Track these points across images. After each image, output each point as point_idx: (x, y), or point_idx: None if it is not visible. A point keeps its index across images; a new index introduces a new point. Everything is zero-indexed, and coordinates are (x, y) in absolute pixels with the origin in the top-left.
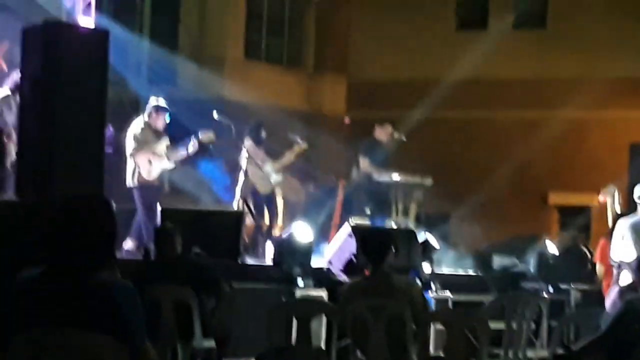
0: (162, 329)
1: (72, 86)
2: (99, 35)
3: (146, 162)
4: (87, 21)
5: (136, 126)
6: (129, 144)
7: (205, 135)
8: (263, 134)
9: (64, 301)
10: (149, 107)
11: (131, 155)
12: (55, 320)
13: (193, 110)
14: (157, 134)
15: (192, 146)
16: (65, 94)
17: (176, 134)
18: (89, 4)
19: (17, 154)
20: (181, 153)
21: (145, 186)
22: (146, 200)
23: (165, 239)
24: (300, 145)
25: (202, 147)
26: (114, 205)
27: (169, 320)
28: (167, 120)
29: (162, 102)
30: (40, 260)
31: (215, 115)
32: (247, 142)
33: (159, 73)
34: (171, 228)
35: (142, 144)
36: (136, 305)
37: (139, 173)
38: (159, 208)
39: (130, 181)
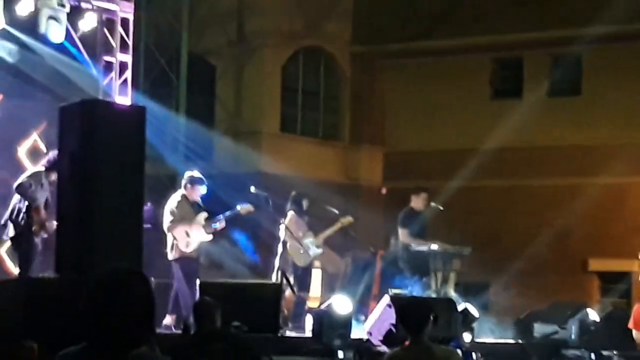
0: None
1: (109, 162)
2: (136, 112)
3: (184, 234)
4: (123, 99)
5: (173, 200)
6: (167, 218)
7: (244, 208)
8: (305, 204)
9: None
10: (185, 179)
11: (168, 229)
12: None
13: (230, 184)
14: (195, 206)
15: (220, 223)
16: (103, 170)
17: (213, 206)
18: (125, 82)
19: (56, 230)
20: (217, 225)
21: (184, 259)
22: (185, 273)
23: (205, 313)
24: (345, 218)
25: (236, 219)
26: (152, 280)
27: None
28: (204, 192)
29: (197, 174)
30: (80, 337)
31: (252, 189)
32: (289, 214)
33: (196, 149)
34: (211, 302)
35: (179, 217)
36: None
37: (177, 246)
38: (197, 281)
39: (169, 255)
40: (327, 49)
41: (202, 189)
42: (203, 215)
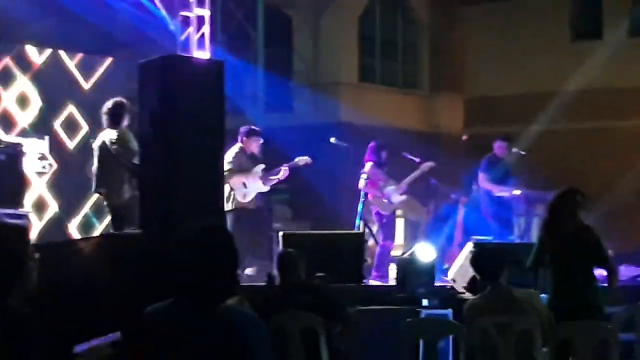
0: (290, 356)
1: (190, 118)
2: (215, 66)
3: (241, 185)
4: (202, 53)
5: (231, 152)
6: (224, 169)
7: (302, 159)
8: (383, 155)
9: (193, 332)
10: (241, 132)
11: (225, 179)
12: (185, 351)
13: (310, 135)
14: (252, 158)
15: (284, 172)
16: (184, 126)
17: (272, 159)
18: (203, 37)
19: (139, 187)
20: (275, 177)
21: (240, 209)
22: (240, 222)
23: (289, 264)
24: (426, 164)
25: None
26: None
27: (297, 347)
28: (260, 143)
29: (253, 127)
30: (167, 292)
31: (332, 139)
32: (368, 165)
33: (275, 101)
34: (295, 253)
35: (236, 168)
36: (263, 333)
37: (234, 196)
38: (280, 233)
39: (226, 205)
40: None
41: (259, 141)
42: (260, 166)
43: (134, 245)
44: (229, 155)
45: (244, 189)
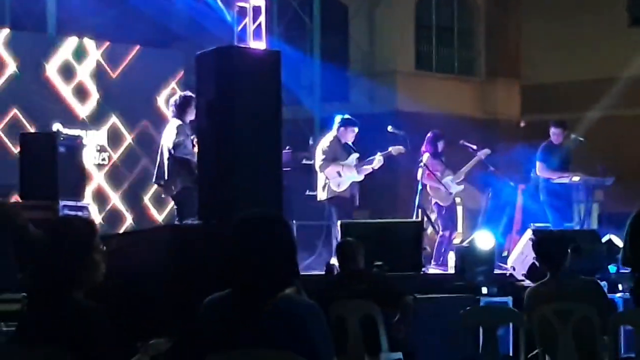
0: (349, 345)
1: (247, 108)
2: (271, 56)
3: (335, 174)
4: (258, 44)
5: (325, 140)
6: (318, 158)
7: (395, 149)
8: (440, 146)
9: (251, 321)
10: (337, 121)
11: (320, 168)
12: (244, 341)
13: (367, 124)
14: (346, 148)
15: (379, 161)
16: (241, 117)
17: (362, 148)
18: (259, 27)
19: (198, 177)
20: (369, 166)
21: (336, 198)
22: (338, 212)
23: (348, 253)
24: (483, 151)
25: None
26: (294, 223)
27: (356, 336)
28: (355, 132)
29: (349, 117)
30: (226, 283)
31: (389, 128)
32: (425, 155)
33: (332, 90)
34: (354, 242)
35: (331, 157)
36: (322, 322)
37: (329, 186)
38: (339, 222)
39: (320, 195)
40: None
41: (355, 131)
42: (355, 155)
43: (194, 236)
44: (324, 145)
45: (339, 178)
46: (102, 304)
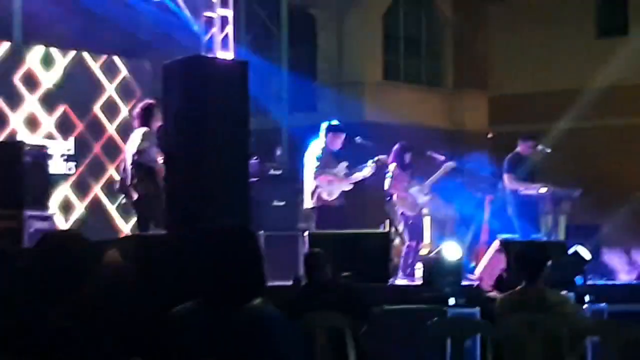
0: (316, 356)
1: (214, 118)
2: (239, 66)
3: (327, 183)
4: (225, 54)
5: (316, 148)
6: (311, 166)
7: (381, 159)
8: (407, 157)
9: (219, 333)
10: (324, 128)
11: (314, 176)
12: (212, 352)
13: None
14: (335, 156)
15: (371, 169)
16: (208, 127)
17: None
18: (227, 37)
19: (164, 187)
20: (360, 174)
21: (324, 207)
22: (324, 220)
23: (315, 264)
24: (449, 163)
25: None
26: (262, 233)
27: (324, 348)
28: (342, 138)
29: (336, 123)
30: (193, 293)
31: (357, 139)
32: (391, 166)
33: (299, 100)
34: (321, 253)
35: (323, 165)
36: (289, 333)
37: (319, 194)
38: (306, 233)
39: (309, 202)
40: None
41: (342, 137)
42: (344, 164)
43: (160, 246)
44: (315, 152)
45: (331, 186)
46: (82, 323)
